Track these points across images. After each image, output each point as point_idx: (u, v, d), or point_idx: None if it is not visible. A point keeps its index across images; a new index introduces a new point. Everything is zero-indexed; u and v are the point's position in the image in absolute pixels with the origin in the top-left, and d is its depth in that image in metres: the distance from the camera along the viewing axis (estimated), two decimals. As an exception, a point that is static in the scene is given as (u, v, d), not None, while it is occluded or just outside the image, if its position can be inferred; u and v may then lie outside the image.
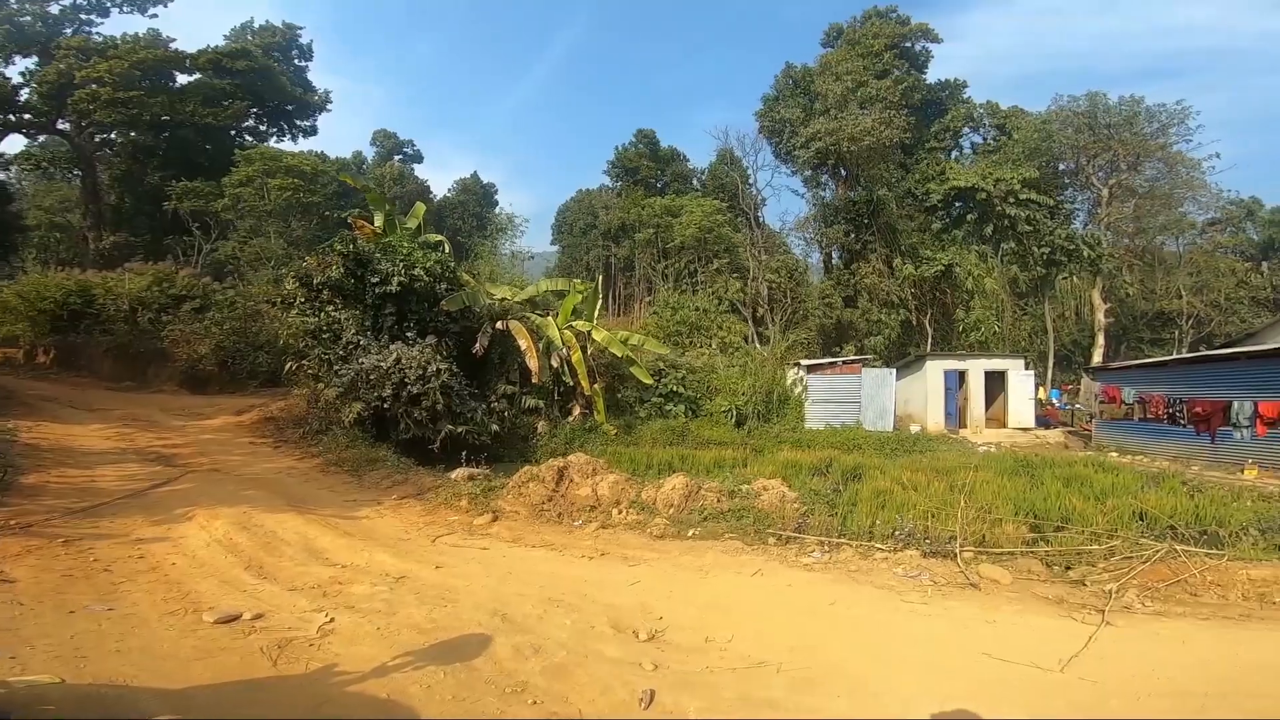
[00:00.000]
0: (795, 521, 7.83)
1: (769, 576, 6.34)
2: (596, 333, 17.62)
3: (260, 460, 13.07)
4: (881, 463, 14.49)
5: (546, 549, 7.27)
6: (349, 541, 7.20)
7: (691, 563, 6.78)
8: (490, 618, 5.07)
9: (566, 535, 7.89)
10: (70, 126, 36.88)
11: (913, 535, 7.21)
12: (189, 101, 37.29)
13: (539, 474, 9.47)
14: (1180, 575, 6.22)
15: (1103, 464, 14.14)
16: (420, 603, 5.36)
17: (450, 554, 7.10)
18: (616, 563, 6.80)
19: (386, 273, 14.97)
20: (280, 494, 9.77)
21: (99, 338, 28.05)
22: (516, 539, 7.70)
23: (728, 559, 6.84)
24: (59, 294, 28.23)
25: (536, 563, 6.85)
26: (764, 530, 7.59)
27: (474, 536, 7.83)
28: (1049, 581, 6.28)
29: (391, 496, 10.02)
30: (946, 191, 35.11)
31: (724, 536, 7.54)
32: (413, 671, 4.02)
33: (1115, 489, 10.41)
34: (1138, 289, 40.93)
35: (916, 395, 23.78)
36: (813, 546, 7.18)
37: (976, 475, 11.26)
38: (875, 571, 6.49)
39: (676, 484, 8.61)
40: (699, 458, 14.71)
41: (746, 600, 5.79)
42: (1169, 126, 36.37)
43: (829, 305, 34.20)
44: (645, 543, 7.56)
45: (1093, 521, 7.99)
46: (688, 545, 7.45)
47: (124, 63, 33.06)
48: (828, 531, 7.52)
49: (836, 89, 35.49)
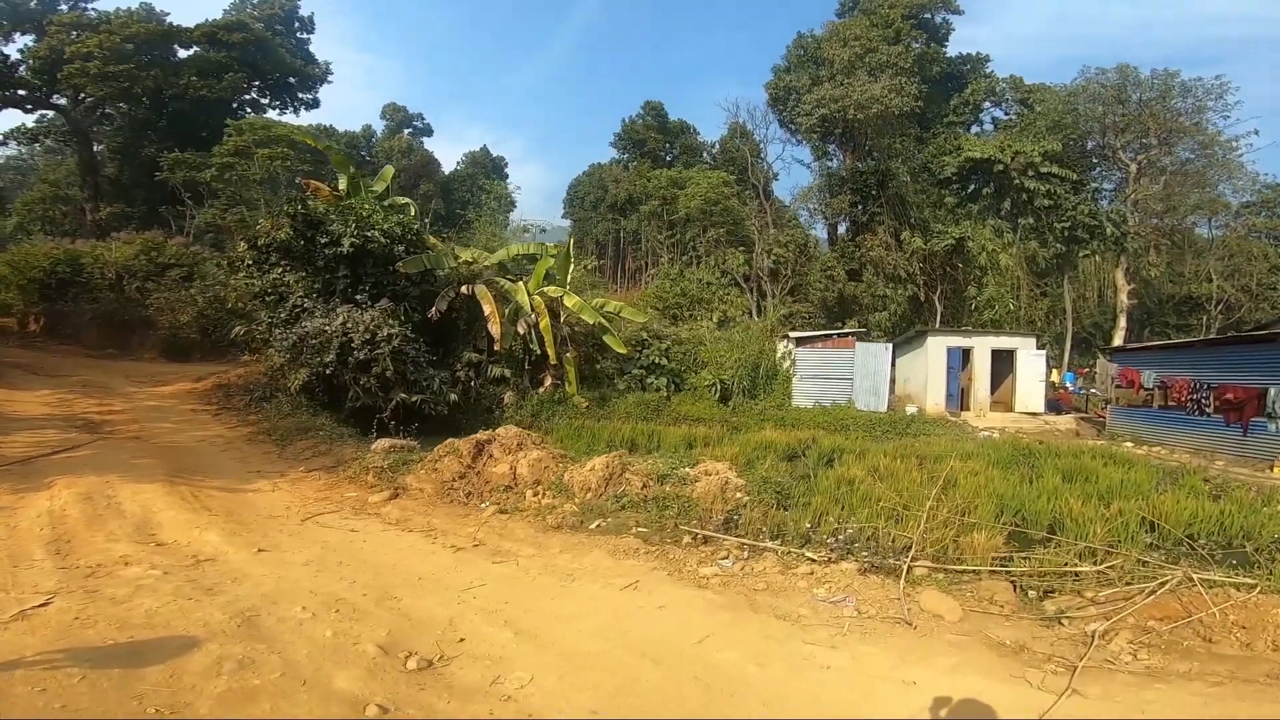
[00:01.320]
0: (723, 516, 6.78)
1: (644, 593, 5.19)
2: (568, 298, 16.63)
3: (191, 428, 12.43)
4: (866, 446, 13.34)
5: (421, 534, 6.42)
6: (195, 518, 6.47)
7: (565, 565, 5.80)
8: (231, 619, 4.31)
9: (458, 519, 7.02)
10: (67, 101, 36.68)
11: (854, 542, 6.03)
12: (184, 75, 36.78)
13: (457, 448, 8.61)
14: (1192, 612, 4.66)
15: (1114, 455, 12.75)
16: (178, 594, 4.65)
17: (302, 536, 6.34)
18: (482, 558, 5.89)
19: (337, 234, 14.09)
20: (176, 464, 9.13)
21: (86, 306, 27.92)
22: (399, 521, 6.87)
23: (609, 563, 5.80)
24: (47, 263, 28.12)
25: (391, 551, 6.03)
26: (683, 525, 6.57)
27: (357, 516, 7.03)
28: (1014, 617, 4.83)
29: (300, 469, 9.28)
30: (961, 164, 33.26)
31: (631, 530, 6.54)
32: (49, 670, 3.35)
33: (1124, 488, 9.00)
34: (1164, 270, 38.72)
35: (916, 374, 22.41)
36: (727, 551, 6.06)
37: (962, 465, 10.11)
38: (789, 592, 5.25)
39: (596, 465, 7.67)
40: (668, 435, 13.74)
41: (589, 626, 4.59)
42: (1204, 103, 33.96)
43: (831, 278, 32.64)
44: (532, 534, 6.62)
45: (1090, 530, 6.60)
46: (578, 540, 6.46)
47: (115, 37, 32.66)
48: (759, 531, 6.41)
49: (844, 55, 33.71)
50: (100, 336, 27.83)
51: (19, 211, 42.90)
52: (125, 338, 27.74)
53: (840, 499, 7.47)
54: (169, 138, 39.43)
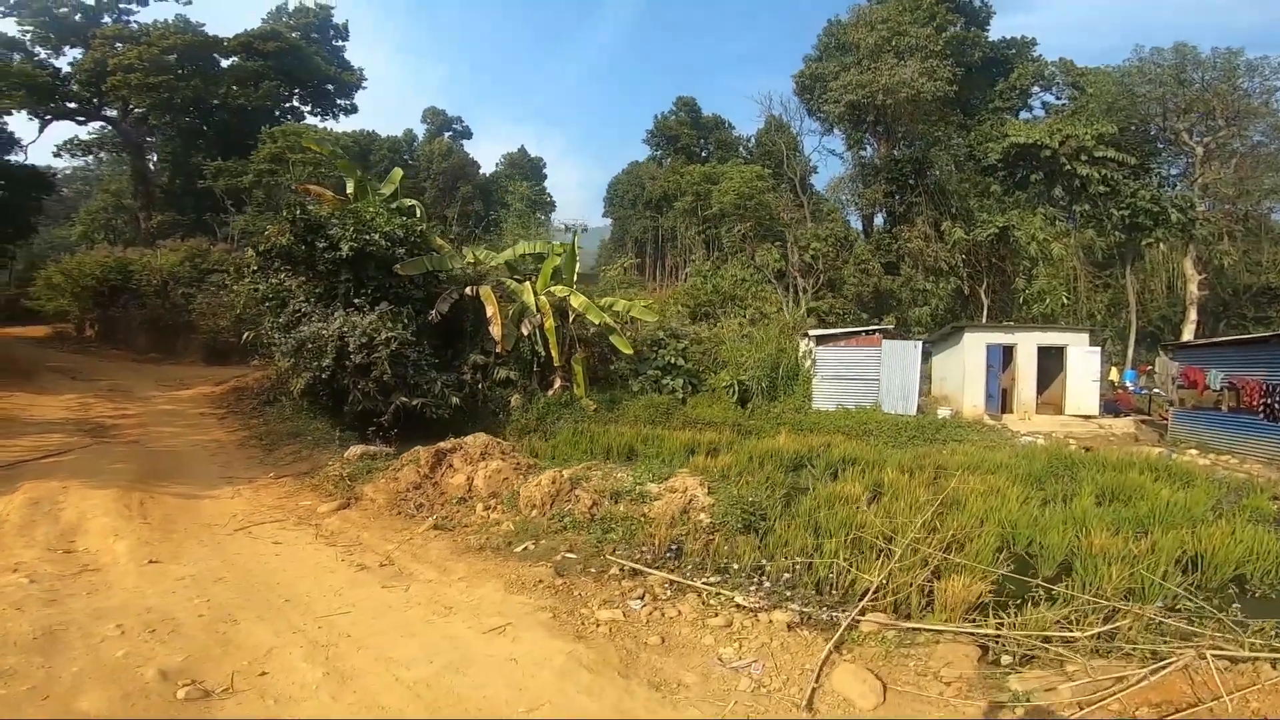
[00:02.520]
0: (669, 546, 6.10)
1: (508, 638, 4.48)
2: (574, 298, 16.17)
3: (192, 432, 12.55)
4: (885, 455, 12.37)
5: (339, 550, 6.05)
6: (121, 525, 6.37)
7: (452, 595, 5.25)
8: (37, 632, 4.27)
9: (390, 533, 6.62)
10: (116, 113, 38.35)
11: (795, 586, 5.22)
12: (224, 84, 38.00)
13: (418, 457, 8.23)
14: (1202, 698, 3.63)
15: (1170, 468, 11.40)
16: (15, 604, 4.60)
17: (216, 548, 6.13)
18: (377, 580, 5.45)
19: (336, 238, 14.02)
20: (150, 469, 9.14)
21: (135, 312, 29.14)
22: (332, 534, 6.53)
23: (497, 597, 5.17)
24: (99, 271, 29.40)
25: (291, 567, 5.70)
26: (615, 555, 5.93)
27: (295, 526, 6.75)
28: (961, 698, 3.83)
29: (272, 474, 9.13)
30: (1006, 149, 31.27)
31: (557, 556, 5.93)
32: None
33: (1170, 512, 7.69)
34: (1240, 259, 35.60)
35: (953, 373, 20.95)
36: (644, 590, 5.31)
37: (979, 481, 9.06)
38: (687, 650, 4.44)
39: (543, 481, 7.12)
40: (671, 440, 13.04)
41: (415, 674, 3.99)
42: (1273, 83, 31.06)
43: (865, 272, 31.14)
44: (445, 556, 6.09)
45: (1106, 573, 5.49)
46: (485, 566, 5.89)
47: (154, 49, 33.82)
48: (702, 563, 5.71)
49: (870, 39, 32.13)
50: (148, 341, 29.04)
51: (83, 220, 45.34)
52: (171, 342, 28.85)
53: (818, 523, 6.75)
54: (215, 146, 40.93)
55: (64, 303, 30.21)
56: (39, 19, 35.45)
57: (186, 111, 39.01)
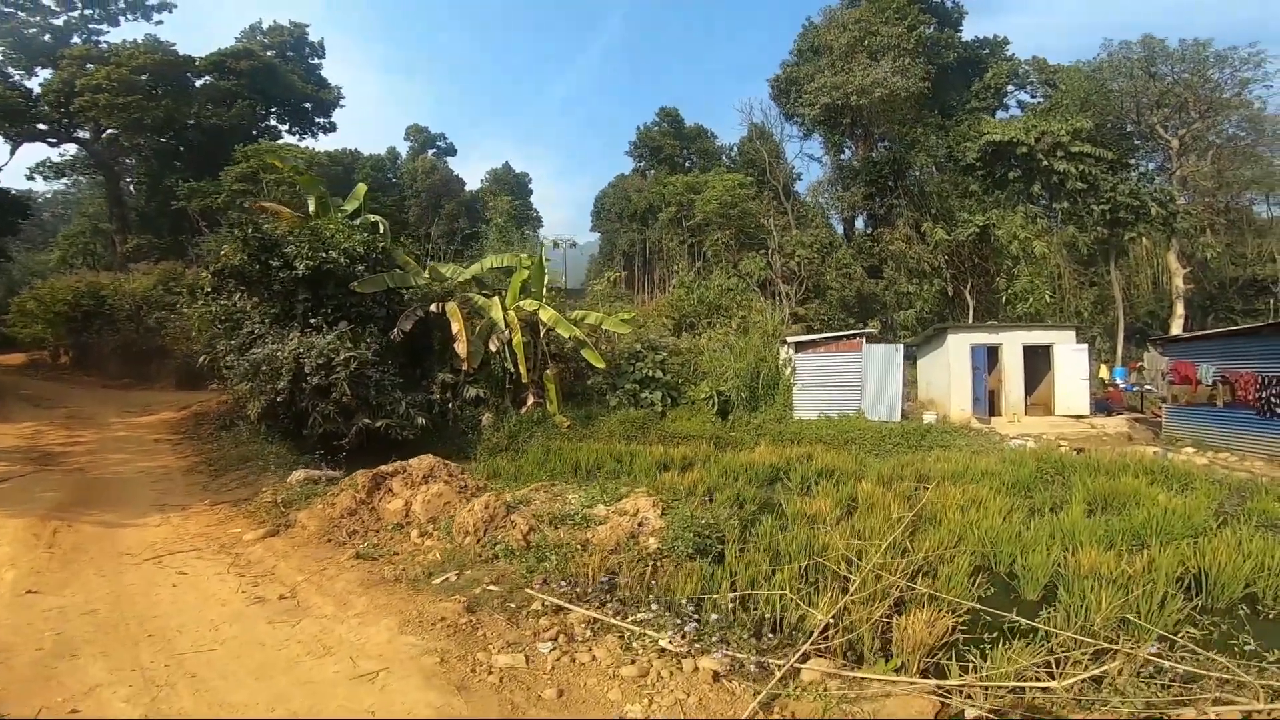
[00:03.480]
0: (602, 577, 5.60)
1: (377, 688, 3.95)
2: (543, 312, 15.76)
3: (141, 459, 12.11)
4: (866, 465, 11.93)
5: (246, 581, 5.65)
6: (19, 555, 6.14)
7: (341, 633, 4.75)
8: None
9: (310, 562, 6.14)
10: (89, 134, 37.87)
11: (729, 627, 4.67)
12: (195, 104, 37.57)
13: (355, 481, 7.77)
14: None
15: (1167, 469, 11.02)
16: None
17: (113, 578, 5.84)
18: (267, 615, 5.04)
19: (291, 256, 13.61)
20: (81, 498, 8.86)
21: (109, 337, 28.55)
22: (249, 564, 6.12)
23: (383, 638, 4.62)
24: (71, 296, 28.79)
25: (185, 600, 5.38)
26: (550, 585, 5.44)
27: (214, 555, 6.44)
28: None
29: (208, 501, 8.71)
30: (983, 147, 31.13)
31: (476, 589, 5.39)
32: None
33: (1168, 522, 7.10)
34: (1224, 252, 35.51)
35: (938, 377, 20.55)
36: (558, 630, 4.73)
37: (959, 493, 8.48)
38: (586, 707, 3.92)
39: (476, 506, 6.66)
40: (643, 456, 12.55)
41: None
42: (1243, 73, 31.08)
43: (848, 276, 30.85)
44: (351, 589, 5.55)
45: (1095, 600, 4.92)
46: (388, 601, 5.34)
47: (123, 69, 33.38)
48: (637, 597, 5.17)
49: (842, 40, 32.04)
50: (122, 367, 28.45)
51: (61, 245, 44.61)
52: (144, 367, 28.26)
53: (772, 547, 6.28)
54: (191, 167, 40.41)
55: (38, 329, 29.65)
56: (8, 40, 35.02)
57: (159, 132, 38.40)
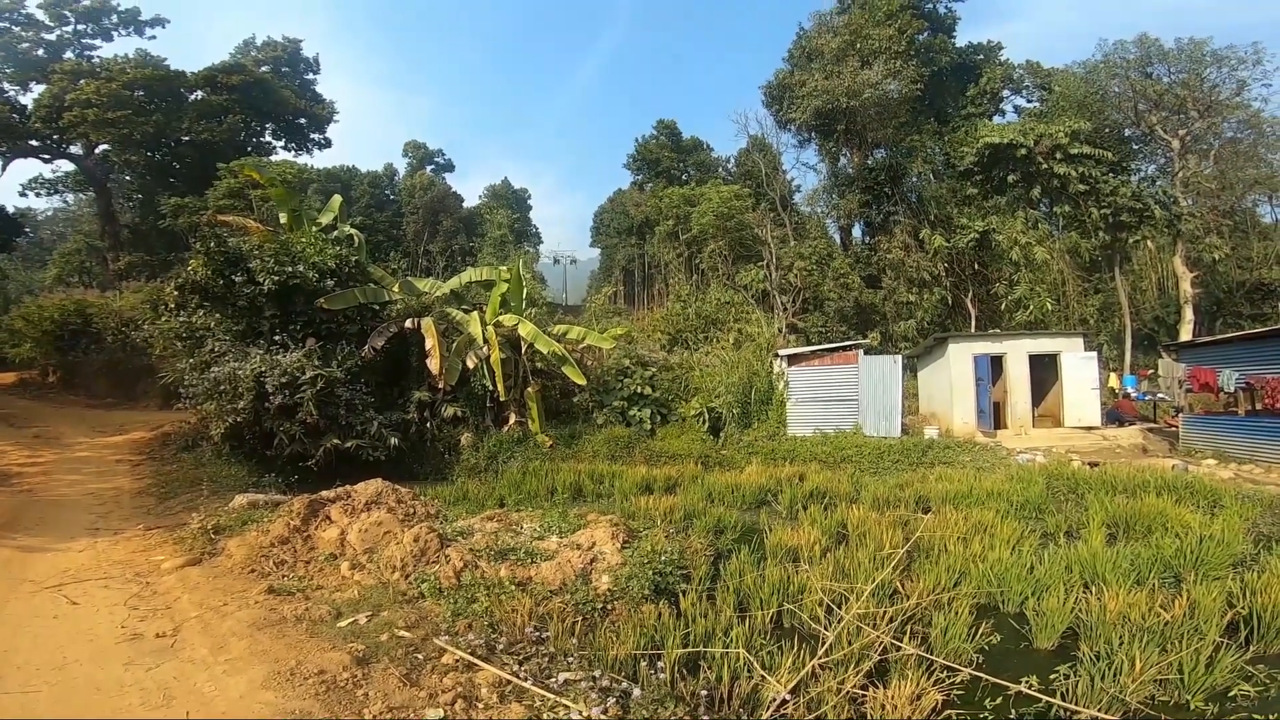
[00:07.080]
0: (532, 625, 4.89)
1: None
2: (523, 327, 15.17)
3: (95, 480, 11.61)
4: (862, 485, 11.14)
5: (136, 616, 5.17)
6: None
7: (191, 686, 4.17)
8: None
9: (218, 596, 5.53)
10: (81, 150, 37.65)
11: (665, 699, 3.91)
12: (185, 119, 37.36)
13: (292, 507, 7.14)
14: None
15: (1191, 485, 10.19)
16: None
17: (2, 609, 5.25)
18: (126, 658, 4.47)
19: (255, 271, 13.08)
20: (12, 520, 8.49)
21: (95, 356, 28.19)
22: (152, 595, 5.68)
23: (236, 694, 4.01)
24: (57, 314, 28.50)
25: (61, 632, 4.97)
26: (471, 632, 4.76)
27: (125, 584, 6.05)
28: None
29: (141, 526, 8.18)
30: (980, 151, 30.52)
31: (384, 635, 4.72)
32: None
33: (1205, 553, 6.22)
34: (1230, 255, 34.74)
35: (940, 389, 19.71)
36: (463, 693, 4.03)
37: (962, 518, 7.78)
38: None
39: (405, 540, 6.00)
40: (626, 478, 11.82)
41: None
42: (1240, 73, 30.55)
43: (845, 286, 30.18)
44: (245, 629, 4.89)
45: (1123, 657, 4.15)
46: (278, 648, 4.68)
47: (114, 83, 33.19)
48: (565, 650, 4.51)
49: (833, 44, 31.64)
50: (107, 386, 28.00)
51: (57, 263, 44.48)
52: (130, 386, 27.80)
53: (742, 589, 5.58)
54: (183, 183, 40.17)
55: (26, 349, 29.29)
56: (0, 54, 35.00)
57: (151, 148, 38.12)
